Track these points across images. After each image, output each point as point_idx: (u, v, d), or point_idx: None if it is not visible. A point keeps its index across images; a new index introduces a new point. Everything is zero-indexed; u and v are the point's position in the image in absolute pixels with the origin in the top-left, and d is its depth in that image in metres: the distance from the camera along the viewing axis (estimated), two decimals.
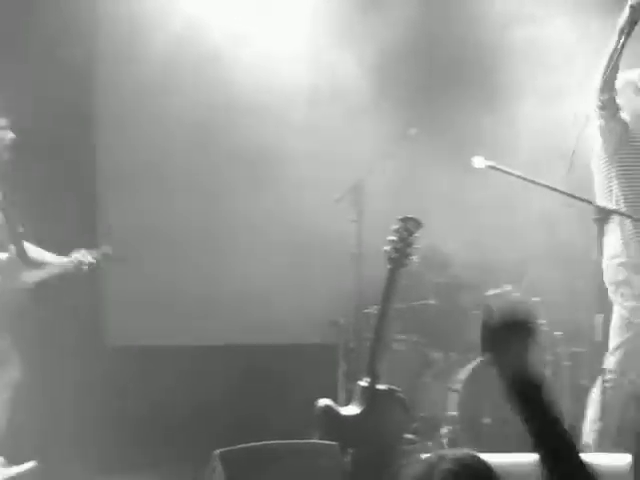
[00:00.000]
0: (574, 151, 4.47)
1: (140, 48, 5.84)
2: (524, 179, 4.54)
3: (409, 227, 3.89)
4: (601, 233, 4.24)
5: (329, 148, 6.04)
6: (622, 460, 3.07)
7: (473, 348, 5.83)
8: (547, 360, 5.72)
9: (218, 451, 3.44)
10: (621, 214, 4.36)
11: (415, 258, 3.95)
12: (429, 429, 5.63)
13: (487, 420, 5.43)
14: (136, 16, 5.87)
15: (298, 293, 6.18)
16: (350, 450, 3.91)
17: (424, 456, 3.10)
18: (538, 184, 4.50)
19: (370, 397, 3.95)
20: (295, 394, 5.52)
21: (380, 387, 3.96)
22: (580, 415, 4.80)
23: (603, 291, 4.40)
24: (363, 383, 4.04)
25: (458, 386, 5.53)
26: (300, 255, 6.22)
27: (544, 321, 5.75)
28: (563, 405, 5.56)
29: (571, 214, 4.88)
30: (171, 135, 6.18)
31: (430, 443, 5.51)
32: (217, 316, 6.16)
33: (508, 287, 5.99)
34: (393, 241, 3.91)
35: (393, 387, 3.88)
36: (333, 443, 3.62)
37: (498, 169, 4.52)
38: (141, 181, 6.20)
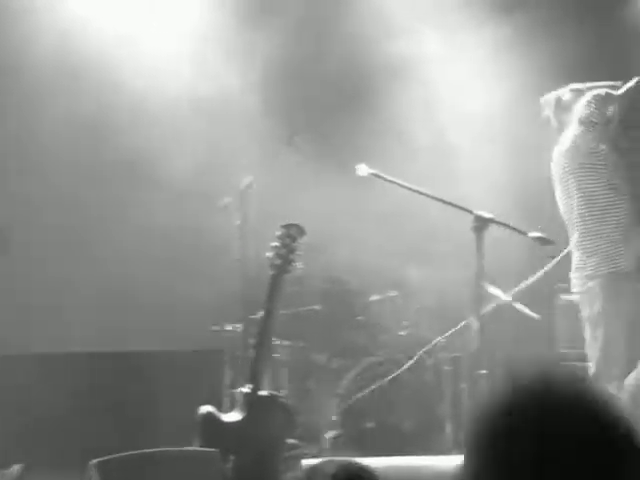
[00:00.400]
0: None
1: (26, 48, 5.70)
2: (407, 188, 4.62)
3: (292, 233, 3.90)
4: (480, 241, 4.33)
5: (212, 156, 6.00)
6: None
7: (357, 353, 5.91)
8: (428, 364, 5.84)
9: (95, 461, 3.36)
10: (499, 223, 4.48)
11: (299, 264, 3.96)
12: (313, 435, 5.66)
13: (370, 424, 5.50)
14: (22, 15, 5.73)
15: (184, 300, 6.11)
16: (231, 457, 3.89)
17: (306, 462, 3.13)
18: (420, 193, 4.59)
19: (252, 403, 3.94)
20: (180, 401, 5.45)
21: (262, 393, 3.95)
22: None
23: (479, 296, 4.48)
24: (245, 389, 4.03)
25: (342, 391, 5.58)
26: (185, 263, 6.16)
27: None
28: (444, 409, 5.70)
29: (450, 219, 4.95)
30: (57, 136, 6.02)
31: (313, 449, 5.54)
32: (96, 323, 6.02)
33: (393, 293, 6.10)
34: (276, 247, 3.92)
35: (275, 393, 3.89)
36: (213, 450, 3.60)
37: (381, 177, 4.59)
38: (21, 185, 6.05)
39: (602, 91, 4.62)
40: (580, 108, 4.60)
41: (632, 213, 4.55)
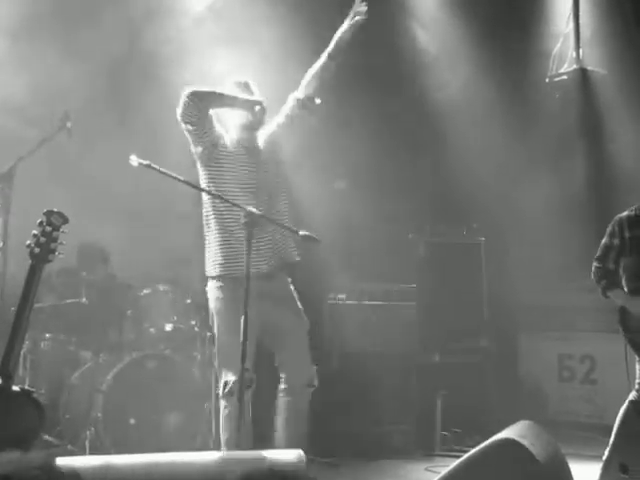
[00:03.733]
0: None
1: None
2: (180, 181, 4.53)
3: (53, 221, 3.70)
4: (250, 237, 4.32)
5: None
6: None
7: (125, 348, 5.76)
8: (198, 360, 5.80)
9: None
10: (269, 220, 4.51)
11: (59, 254, 3.76)
12: (74, 431, 5.46)
13: (132, 421, 5.37)
14: None
15: None
16: None
17: (62, 460, 2.97)
18: (194, 187, 4.52)
19: (1, 399, 3.71)
20: None
21: (14, 389, 3.73)
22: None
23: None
24: None
25: (104, 387, 5.41)
26: None
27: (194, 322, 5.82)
28: (211, 405, 5.68)
29: None
30: None
31: (71, 446, 5.34)
32: None
33: (163, 287, 5.99)
34: (36, 235, 3.71)
35: (27, 388, 3.66)
36: None
37: (153, 168, 4.46)
38: None
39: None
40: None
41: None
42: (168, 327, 5.90)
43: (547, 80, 7.67)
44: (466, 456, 3.95)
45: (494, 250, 7.32)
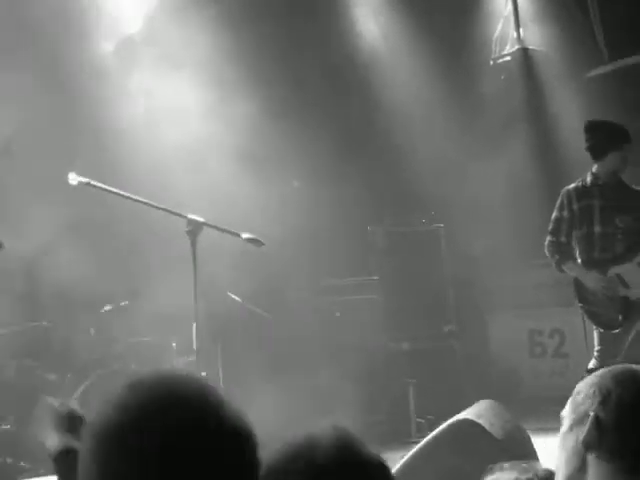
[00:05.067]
0: None
1: None
2: (121, 195, 4.57)
3: None
4: (194, 244, 4.37)
5: None
6: None
7: (91, 367, 5.76)
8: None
9: None
10: (212, 227, 4.53)
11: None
12: (46, 454, 5.45)
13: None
14: None
15: None
16: None
17: None
18: (135, 200, 4.56)
19: None
20: None
21: None
22: None
23: (198, 298, 4.51)
24: None
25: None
26: None
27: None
28: None
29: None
30: None
31: (44, 470, 5.34)
32: None
33: (124, 302, 6.01)
34: None
35: None
36: None
37: (93, 185, 4.51)
38: None
39: None
40: None
41: None
42: (133, 341, 5.92)
43: (491, 63, 7.76)
44: (425, 440, 4.01)
45: (453, 236, 7.39)
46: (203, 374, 4.61)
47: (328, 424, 1.44)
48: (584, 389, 1.82)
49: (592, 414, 1.76)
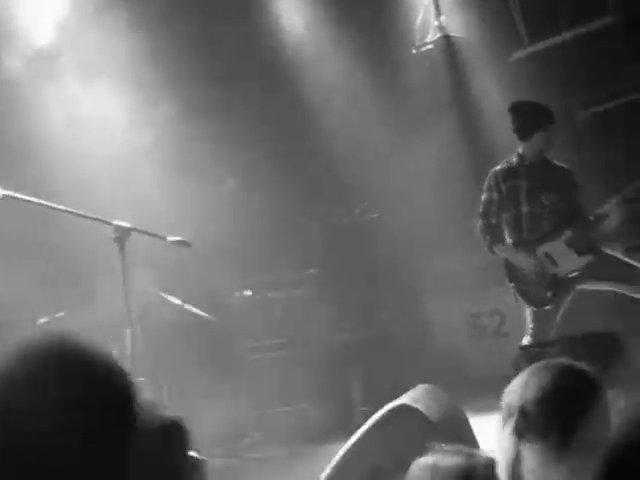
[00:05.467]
0: None
1: None
2: (45, 206, 4.53)
3: None
4: (122, 251, 4.34)
5: None
6: None
7: None
8: None
9: None
10: (139, 231, 4.51)
11: None
12: None
13: None
14: None
15: None
16: None
17: None
18: (57, 209, 4.51)
19: None
20: None
21: None
22: None
23: (130, 304, 4.49)
24: None
25: None
26: None
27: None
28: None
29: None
30: None
31: None
32: None
33: (59, 314, 5.96)
34: None
35: None
36: None
37: (16, 198, 4.45)
38: None
39: None
40: None
41: None
42: None
43: (414, 51, 7.83)
44: (362, 428, 4.03)
45: (387, 225, 7.46)
46: (141, 379, 4.61)
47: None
48: (510, 388, 2.12)
49: (517, 405, 2.04)
